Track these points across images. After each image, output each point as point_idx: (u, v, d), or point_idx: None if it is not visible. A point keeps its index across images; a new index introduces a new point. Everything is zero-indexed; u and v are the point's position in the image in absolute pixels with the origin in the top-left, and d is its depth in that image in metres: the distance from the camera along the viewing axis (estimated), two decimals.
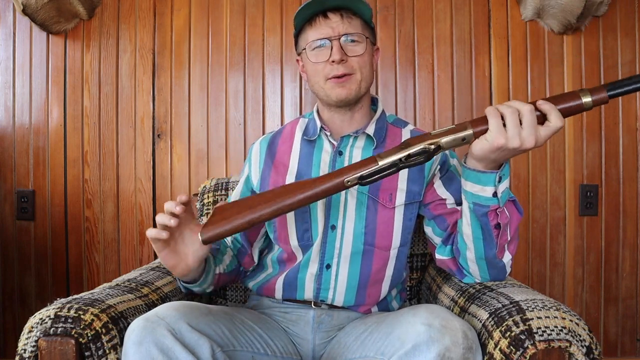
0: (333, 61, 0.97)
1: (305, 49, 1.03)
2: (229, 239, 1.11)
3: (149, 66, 1.71)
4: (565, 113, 0.78)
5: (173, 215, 0.85)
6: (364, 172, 0.83)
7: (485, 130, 0.79)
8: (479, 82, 1.69)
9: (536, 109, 0.78)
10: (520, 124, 0.77)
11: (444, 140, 0.81)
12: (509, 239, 0.90)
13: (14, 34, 1.72)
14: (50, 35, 1.71)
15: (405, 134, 1.09)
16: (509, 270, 0.96)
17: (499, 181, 0.84)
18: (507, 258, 0.93)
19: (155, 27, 1.71)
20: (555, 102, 0.78)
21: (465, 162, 0.87)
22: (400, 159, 0.82)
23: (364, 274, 1.02)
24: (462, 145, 0.83)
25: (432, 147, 0.81)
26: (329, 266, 1.02)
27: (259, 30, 1.71)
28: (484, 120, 0.80)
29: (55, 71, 1.72)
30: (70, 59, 1.72)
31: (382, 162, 0.82)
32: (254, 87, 1.71)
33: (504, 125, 0.77)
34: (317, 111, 1.11)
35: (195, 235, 0.90)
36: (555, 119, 0.76)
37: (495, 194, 0.84)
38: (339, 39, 0.98)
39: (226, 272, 1.07)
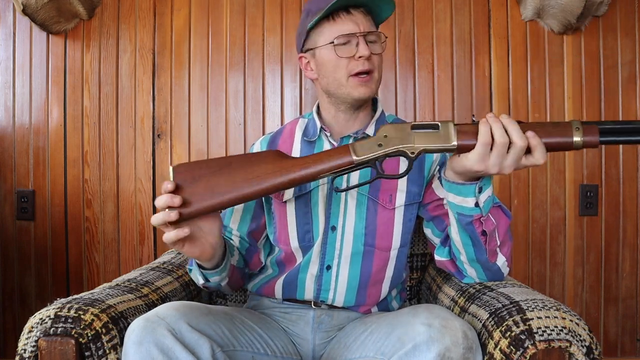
0: (360, 57, 0.96)
1: (331, 42, 0.97)
2: (236, 240, 1.10)
3: (149, 66, 1.71)
4: (551, 148, 0.78)
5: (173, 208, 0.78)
6: (338, 173, 0.81)
7: (470, 147, 0.78)
8: (479, 82, 1.69)
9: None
10: (508, 150, 0.77)
11: (424, 147, 0.79)
12: (498, 243, 0.90)
13: (14, 34, 1.72)
14: (50, 35, 1.71)
15: None
16: (505, 271, 0.96)
17: (480, 191, 0.84)
18: (500, 261, 0.93)
19: (155, 27, 1.71)
20: (545, 133, 0.77)
21: (444, 174, 0.87)
22: (376, 159, 0.80)
23: (364, 275, 1.02)
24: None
25: (412, 154, 0.79)
26: (329, 267, 1.02)
27: (259, 30, 1.71)
28: (471, 134, 0.78)
29: (55, 71, 1.72)
30: (70, 59, 1.72)
31: (357, 159, 0.80)
32: (254, 87, 1.71)
33: (491, 147, 0.77)
34: (317, 111, 1.10)
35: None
36: (539, 156, 0.76)
37: (477, 204, 0.85)
38: (365, 35, 0.97)
39: (237, 267, 1.04)
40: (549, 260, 1.69)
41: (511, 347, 0.74)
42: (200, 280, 0.98)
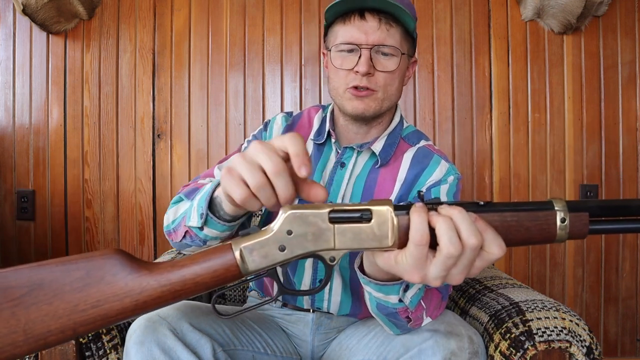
0: (357, 72, 0.86)
1: (332, 48, 0.91)
2: None
3: (149, 66, 1.71)
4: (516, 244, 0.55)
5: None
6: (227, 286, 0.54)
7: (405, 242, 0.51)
8: (479, 82, 1.69)
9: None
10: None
11: (348, 249, 0.52)
12: (424, 321, 0.77)
13: (14, 34, 1.72)
14: (50, 35, 1.71)
15: (407, 158, 0.94)
16: (438, 313, 0.81)
17: (406, 289, 0.69)
18: (425, 322, 0.79)
19: (155, 27, 1.71)
20: (518, 230, 0.53)
21: (361, 266, 0.67)
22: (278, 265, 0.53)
23: (355, 286, 0.98)
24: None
25: (331, 260, 0.53)
26: (321, 281, 0.98)
27: (259, 30, 1.71)
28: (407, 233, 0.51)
29: (55, 71, 1.72)
30: (70, 59, 1.72)
31: (250, 270, 0.52)
32: (254, 87, 1.71)
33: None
34: (332, 112, 1.00)
35: None
36: (497, 250, 0.51)
37: (402, 300, 0.70)
38: (371, 48, 0.86)
39: None
40: (549, 260, 1.69)
41: (511, 348, 0.74)
42: (196, 222, 0.71)
